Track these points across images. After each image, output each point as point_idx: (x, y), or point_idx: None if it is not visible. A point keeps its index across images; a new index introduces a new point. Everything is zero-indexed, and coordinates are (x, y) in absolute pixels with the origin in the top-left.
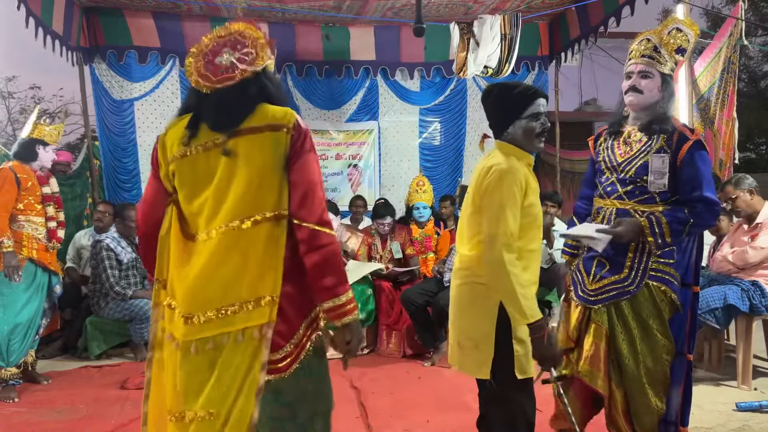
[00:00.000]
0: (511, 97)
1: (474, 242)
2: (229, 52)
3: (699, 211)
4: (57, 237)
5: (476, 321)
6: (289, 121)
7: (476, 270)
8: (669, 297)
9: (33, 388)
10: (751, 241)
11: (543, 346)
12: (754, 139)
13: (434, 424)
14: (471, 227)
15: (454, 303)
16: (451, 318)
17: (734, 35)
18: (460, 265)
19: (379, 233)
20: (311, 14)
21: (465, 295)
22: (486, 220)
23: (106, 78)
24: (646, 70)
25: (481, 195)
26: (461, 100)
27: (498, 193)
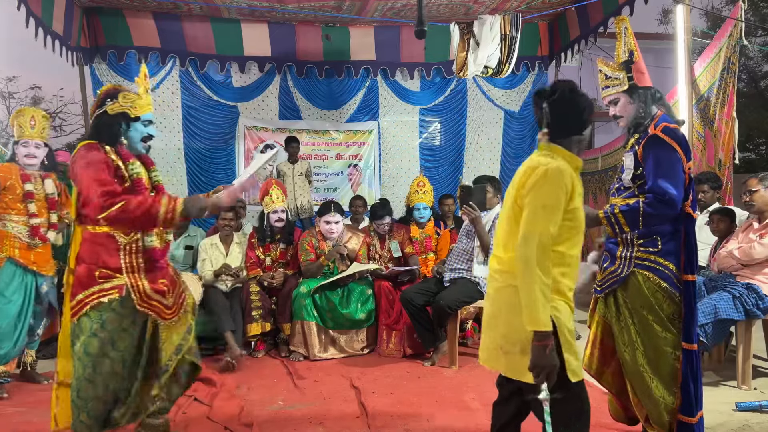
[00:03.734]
0: (585, 108)
1: (512, 244)
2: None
3: (649, 200)
4: (40, 235)
5: (520, 326)
6: (74, 153)
7: (513, 273)
8: (661, 287)
9: (33, 387)
10: (760, 239)
11: (542, 356)
12: (754, 139)
13: (434, 424)
14: (510, 228)
15: (494, 307)
16: (490, 322)
17: (734, 35)
18: (500, 267)
19: (377, 233)
20: (311, 14)
21: (507, 299)
22: (524, 217)
23: (107, 78)
24: (611, 99)
25: (524, 193)
26: (461, 100)
27: (541, 192)
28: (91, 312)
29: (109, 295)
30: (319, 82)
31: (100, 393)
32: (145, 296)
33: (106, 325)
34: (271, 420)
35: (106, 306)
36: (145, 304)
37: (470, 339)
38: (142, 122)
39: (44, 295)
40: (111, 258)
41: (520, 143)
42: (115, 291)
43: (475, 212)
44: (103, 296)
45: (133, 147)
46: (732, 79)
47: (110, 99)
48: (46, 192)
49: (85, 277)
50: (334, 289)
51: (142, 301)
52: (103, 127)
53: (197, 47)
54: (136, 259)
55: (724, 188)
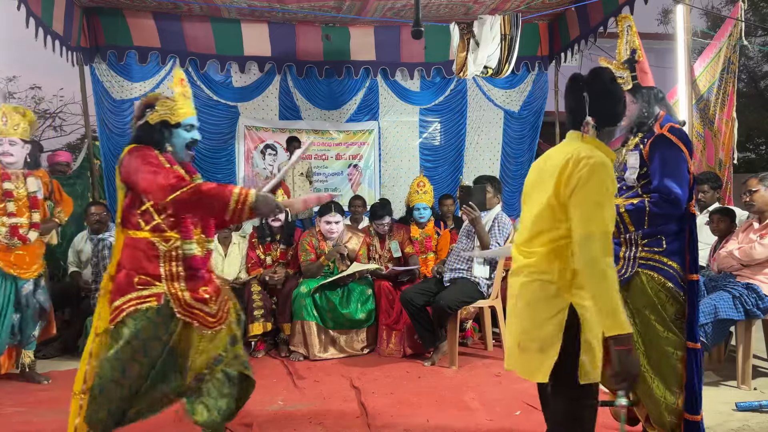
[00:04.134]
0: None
1: (546, 238)
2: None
3: (655, 200)
4: (20, 235)
5: (543, 322)
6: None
7: (545, 267)
8: (666, 287)
9: (33, 387)
10: (760, 239)
11: (628, 361)
12: (754, 139)
13: (434, 424)
14: (542, 221)
15: (517, 302)
16: (510, 318)
17: (734, 35)
18: (525, 261)
19: (377, 233)
20: (311, 14)
21: (531, 294)
22: (579, 217)
23: (107, 78)
24: None
25: (571, 189)
26: (461, 100)
27: (592, 189)
28: (127, 319)
29: (146, 303)
30: (319, 82)
31: (125, 394)
32: (186, 305)
33: (140, 333)
34: (271, 420)
35: (142, 314)
36: (186, 313)
37: (470, 339)
38: (183, 127)
39: (27, 297)
40: (150, 264)
41: (520, 143)
42: (153, 299)
43: (475, 212)
44: (141, 303)
45: (178, 153)
46: (732, 79)
47: (149, 109)
48: (29, 191)
49: (124, 284)
50: (334, 289)
51: (183, 309)
52: (146, 136)
53: (197, 47)
54: (175, 267)
55: (724, 188)
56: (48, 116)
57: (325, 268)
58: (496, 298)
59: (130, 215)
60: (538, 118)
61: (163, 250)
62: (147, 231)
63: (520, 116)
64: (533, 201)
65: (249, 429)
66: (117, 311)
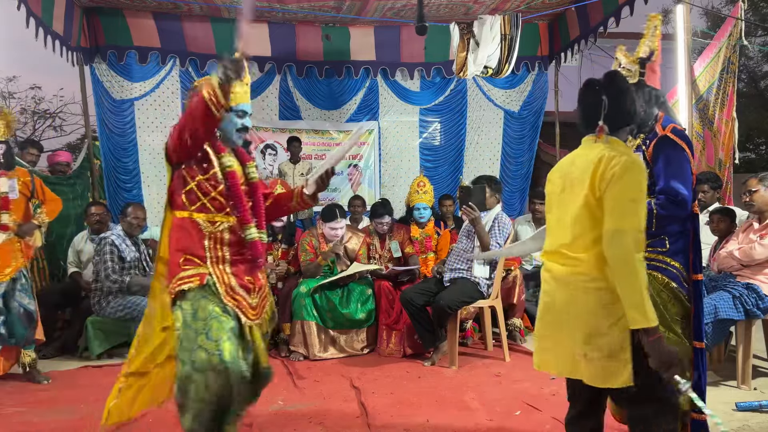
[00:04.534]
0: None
1: (589, 240)
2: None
3: (661, 201)
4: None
5: (608, 329)
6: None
7: (596, 274)
8: (669, 287)
9: (33, 387)
10: (760, 239)
11: (663, 349)
12: (754, 139)
13: (434, 424)
14: (582, 222)
15: (569, 312)
16: (562, 328)
17: (734, 35)
18: (573, 269)
19: (377, 233)
20: (311, 14)
21: (587, 304)
22: (611, 213)
23: (107, 78)
24: None
25: (605, 185)
26: (461, 100)
27: (626, 186)
28: (182, 303)
29: (189, 283)
30: (319, 82)
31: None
32: (230, 289)
33: (198, 314)
34: (271, 420)
35: (197, 293)
36: (230, 298)
37: (470, 339)
38: (236, 113)
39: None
40: (195, 245)
41: (520, 143)
42: (196, 279)
43: (475, 213)
44: (184, 283)
45: (229, 139)
46: (732, 79)
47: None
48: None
49: (173, 264)
50: (334, 289)
51: (227, 294)
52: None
53: (197, 47)
54: (221, 250)
55: (724, 188)
56: (48, 116)
57: (325, 268)
58: (496, 298)
59: (176, 195)
60: (538, 118)
61: (208, 230)
62: (192, 211)
63: (520, 116)
64: (566, 204)
65: (249, 429)
66: (169, 294)
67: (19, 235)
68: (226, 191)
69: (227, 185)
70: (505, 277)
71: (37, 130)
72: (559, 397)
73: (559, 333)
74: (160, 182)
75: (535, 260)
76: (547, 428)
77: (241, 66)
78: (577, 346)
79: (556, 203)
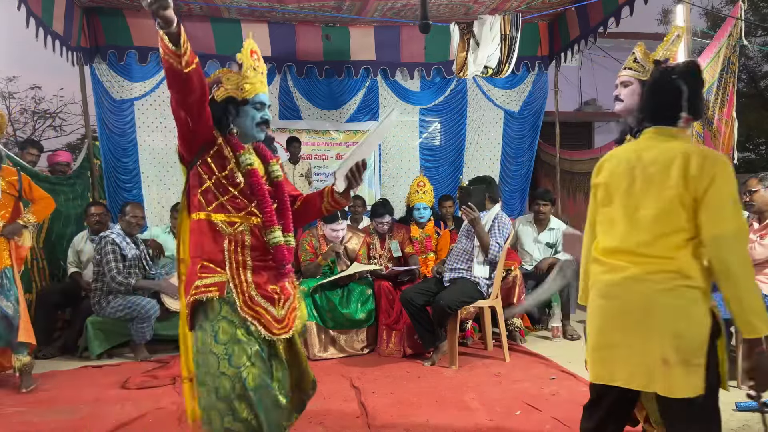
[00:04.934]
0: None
1: (681, 239)
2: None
3: None
4: None
5: (689, 332)
6: None
7: (689, 272)
8: None
9: (33, 388)
10: (760, 239)
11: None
12: (754, 139)
13: (434, 424)
14: (670, 221)
15: (651, 314)
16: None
17: (734, 35)
18: (658, 266)
19: (377, 232)
20: (311, 14)
21: (673, 304)
22: (718, 216)
23: (107, 78)
24: (626, 80)
25: (704, 187)
26: (461, 100)
27: (725, 185)
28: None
29: (207, 293)
30: (319, 82)
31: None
32: (249, 299)
33: (219, 337)
34: None
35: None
36: (249, 310)
37: (470, 339)
38: (253, 105)
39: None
40: (213, 249)
41: (520, 143)
42: (215, 289)
43: (474, 213)
44: (201, 293)
45: (248, 135)
46: (732, 79)
47: (216, 85)
48: None
49: (191, 272)
50: (333, 289)
51: (244, 305)
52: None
53: (197, 47)
54: (242, 254)
55: None
56: (48, 116)
57: (325, 268)
58: (496, 298)
59: (192, 195)
60: (538, 118)
61: (227, 232)
62: (210, 211)
63: (520, 116)
64: (640, 200)
65: None
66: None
67: (3, 236)
68: (248, 190)
69: (249, 184)
70: (505, 277)
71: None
72: (559, 397)
73: (632, 339)
74: (160, 182)
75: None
76: (547, 428)
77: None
78: (661, 351)
79: (621, 198)
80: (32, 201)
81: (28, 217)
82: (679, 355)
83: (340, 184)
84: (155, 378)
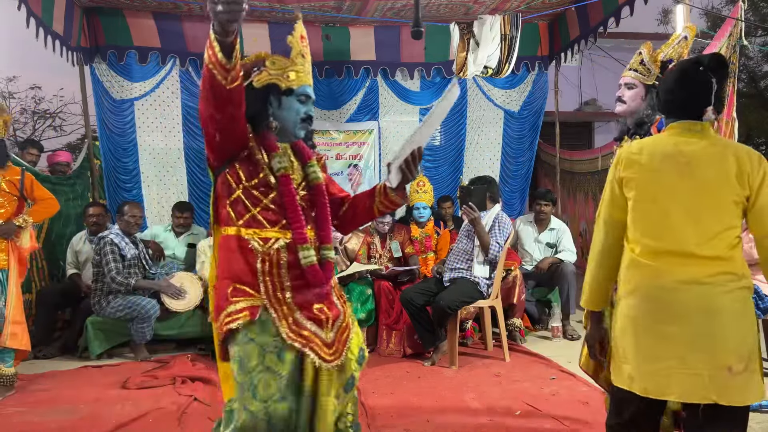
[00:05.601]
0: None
1: (734, 237)
2: None
3: None
4: None
5: (746, 336)
6: None
7: (743, 272)
8: None
9: (33, 387)
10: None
11: None
12: (754, 139)
13: (434, 424)
14: (725, 221)
15: (716, 318)
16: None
17: (734, 35)
18: (715, 269)
19: (378, 232)
20: (311, 14)
21: (736, 307)
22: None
23: (107, 78)
24: (630, 82)
25: (757, 184)
26: (461, 100)
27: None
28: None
29: (238, 320)
30: (319, 82)
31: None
32: (295, 324)
33: (246, 364)
34: None
35: (244, 336)
36: (297, 336)
37: (470, 339)
38: (297, 97)
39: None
40: (246, 270)
41: (520, 143)
42: (246, 314)
43: (475, 213)
44: (232, 321)
45: (288, 131)
46: (732, 79)
47: (257, 68)
48: None
49: (220, 296)
50: None
51: (291, 331)
52: (249, 104)
53: (197, 47)
54: (278, 275)
55: None
56: (48, 116)
57: None
58: (496, 298)
59: (221, 207)
60: (538, 118)
61: (259, 250)
62: (240, 226)
63: (520, 116)
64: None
65: None
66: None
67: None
68: (279, 199)
69: (279, 193)
70: (505, 277)
71: (37, 130)
72: (559, 397)
73: (693, 346)
74: (160, 182)
75: (534, 260)
76: (547, 428)
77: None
78: (728, 359)
79: (668, 195)
80: (33, 201)
81: (25, 218)
82: (743, 361)
83: (394, 178)
84: (155, 378)
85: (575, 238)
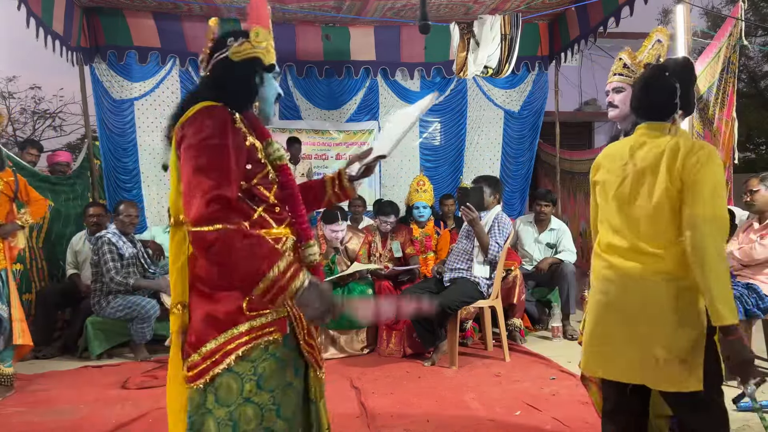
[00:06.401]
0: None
1: (671, 234)
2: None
3: None
4: None
5: (683, 330)
6: (186, 117)
7: (681, 272)
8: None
9: (32, 388)
10: (760, 239)
11: (743, 350)
12: (754, 139)
13: (434, 424)
14: (661, 217)
15: (644, 312)
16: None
17: (734, 35)
18: (652, 265)
19: (380, 231)
20: (311, 14)
21: (667, 303)
22: (696, 200)
23: (106, 78)
24: (618, 86)
25: (689, 174)
26: (461, 100)
27: (711, 173)
28: (239, 364)
29: (267, 336)
30: (319, 82)
31: None
32: (308, 335)
33: (266, 382)
34: None
35: (262, 352)
36: (307, 347)
37: (470, 339)
38: (273, 75)
39: None
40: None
41: (520, 143)
42: (275, 329)
43: (473, 213)
44: (259, 338)
45: (267, 113)
46: (732, 79)
47: (235, 38)
48: None
49: (228, 311)
50: (333, 288)
51: (305, 342)
52: (230, 80)
53: (197, 47)
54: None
55: None
56: (48, 116)
57: (325, 268)
58: (496, 298)
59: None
60: (538, 118)
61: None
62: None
63: (520, 116)
64: (635, 196)
65: None
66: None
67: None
68: (280, 193)
69: (281, 184)
70: (505, 277)
71: (37, 130)
72: (559, 397)
73: (626, 335)
74: (160, 182)
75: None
76: (547, 428)
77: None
78: (653, 349)
79: (616, 195)
80: (27, 203)
81: (26, 218)
82: (672, 353)
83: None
84: (155, 378)
85: (575, 239)
